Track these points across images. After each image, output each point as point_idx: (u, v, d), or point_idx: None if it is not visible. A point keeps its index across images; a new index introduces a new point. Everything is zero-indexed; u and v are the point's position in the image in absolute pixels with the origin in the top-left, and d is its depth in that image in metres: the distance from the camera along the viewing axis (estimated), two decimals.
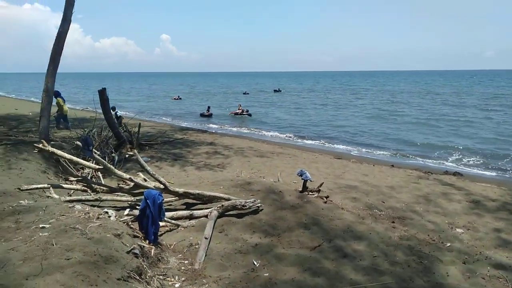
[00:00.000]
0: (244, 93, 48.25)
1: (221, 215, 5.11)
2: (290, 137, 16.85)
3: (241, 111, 23.57)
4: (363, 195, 6.78)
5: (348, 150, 13.83)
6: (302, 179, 6.04)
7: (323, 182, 6.55)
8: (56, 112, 11.32)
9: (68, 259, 3.03)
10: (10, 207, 4.21)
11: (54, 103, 8.97)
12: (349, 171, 9.23)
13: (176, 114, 26.19)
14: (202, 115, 23.68)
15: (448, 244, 4.97)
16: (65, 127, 11.48)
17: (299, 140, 16.01)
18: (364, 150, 13.93)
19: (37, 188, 5.12)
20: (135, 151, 5.26)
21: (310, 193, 6.15)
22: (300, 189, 6.13)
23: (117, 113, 13.90)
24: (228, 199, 5.46)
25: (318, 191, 6.26)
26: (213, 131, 17.81)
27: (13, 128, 10.99)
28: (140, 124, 10.43)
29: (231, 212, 5.24)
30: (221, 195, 5.65)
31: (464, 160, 12.19)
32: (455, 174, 9.70)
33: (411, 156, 12.89)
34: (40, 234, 3.48)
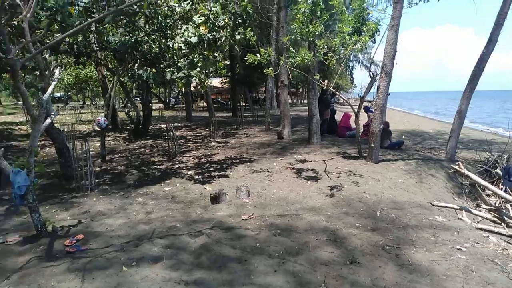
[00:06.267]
0: None
1: None
2: None
3: None
4: None
5: None
6: None
7: None
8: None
9: None
10: (427, 220, 4.67)
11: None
12: None
13: None
14: None
15: None
16: None
17: None
18: None
19: (446, 207, 5.37)
20: None
21: None
22: None
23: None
24: None
25: None
26: None
27: (417, 144, 12.12)
28: None
29: None
30: None
31: None
32: None
33: None
34: (458, 256, 3.61)
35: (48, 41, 6.56)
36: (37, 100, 4.97)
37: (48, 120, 4.49)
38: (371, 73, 8.18)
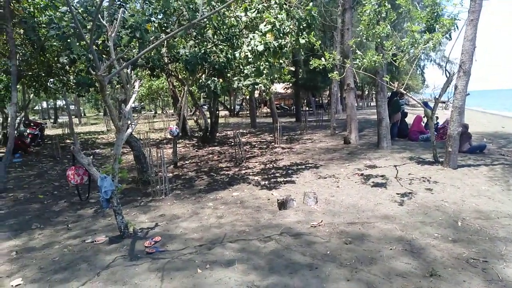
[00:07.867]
0: None
1: None
2: None
3: None
4: None
5: None
6: None
7: None
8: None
9: None
10: None
11: None
12: None
13: None
14: None
15: None
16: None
17: None
18: None
19: None
20: None
21: None
22: None
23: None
24: None
25: None
26: None
27: (502, 147, 10.99)
28: None
29: None
30: None
31: None
32: None
33: None
34: None
35: (126, 57, 7.15)
36: (120, 111, 5.42)
37: (129, 130, 4.87)
38: (446, 72, 7.63)
